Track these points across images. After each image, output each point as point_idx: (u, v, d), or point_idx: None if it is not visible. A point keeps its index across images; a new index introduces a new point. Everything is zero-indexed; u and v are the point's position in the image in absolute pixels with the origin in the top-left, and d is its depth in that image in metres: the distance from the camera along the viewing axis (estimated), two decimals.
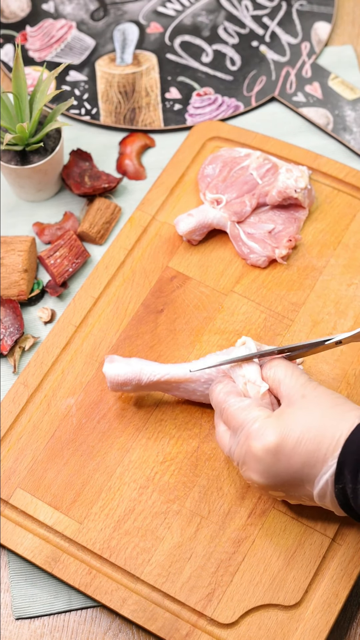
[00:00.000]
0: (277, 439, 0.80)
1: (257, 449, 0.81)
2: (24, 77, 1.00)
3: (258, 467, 0.82)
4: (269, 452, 0.80)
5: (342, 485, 0.77)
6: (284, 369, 0.85)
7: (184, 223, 1.01)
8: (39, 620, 0.89)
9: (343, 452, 0.77)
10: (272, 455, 0.80)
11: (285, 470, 0.80)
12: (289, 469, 0.80)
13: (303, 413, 0.81)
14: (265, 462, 0.81)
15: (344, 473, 0.77)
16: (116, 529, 0.88)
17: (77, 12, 1.22)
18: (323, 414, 0.80)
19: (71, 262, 1.02)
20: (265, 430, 0.81)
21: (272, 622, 0.85)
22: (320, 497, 0.80)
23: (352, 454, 0.76)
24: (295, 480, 0.81)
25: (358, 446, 0.76)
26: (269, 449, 0.80)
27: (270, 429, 0.80)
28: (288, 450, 0.80)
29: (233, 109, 1.14)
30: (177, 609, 0.86)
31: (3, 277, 1.00)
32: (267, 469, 0.81)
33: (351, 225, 1.04)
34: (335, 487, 0.78)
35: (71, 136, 1.13)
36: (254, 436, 0.81)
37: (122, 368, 0.90)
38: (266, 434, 0.80)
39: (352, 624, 0.88)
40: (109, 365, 0.90)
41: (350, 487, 0.76)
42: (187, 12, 1.21)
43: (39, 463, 0.92)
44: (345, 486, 0.77)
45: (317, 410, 0.81)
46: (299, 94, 1.15)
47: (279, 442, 0.80)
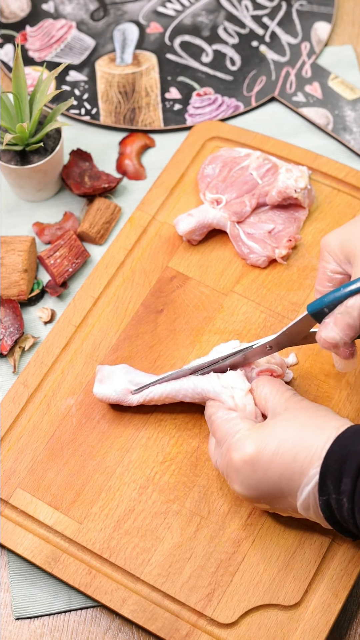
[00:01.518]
0: (253, 451, 0.80)
1: (236, 460, 0.81)
2: (24, 77, 1.00)
3: (238, 478, 0.82)
4: (246, 463, 0.81)
5: (326, 497, 0.77)
6: (270, 386, 0.86)
7: (184, 223, 1.01)
8: (39, 620, 0.89)
9: (325, 463, 0.77)
10: (250, 466, 0.81)
11: (264, 482, 0.80)
12: (268, 480, 0.80)
13: (282, 425, 0.81)
14: (243, 473, 0.81)
15: (327, 484, 0.76)
16: (116, 529, 0.88)
17: (77, 12, 1.22)
18: (302, 426, 0.80)
19: (71, 262, 1.02)
20: (245, 441, 0.81)
21: (272, 622, 0.85)
22: (304, 509, 0.80)
23: (333, 463, 0.76)
24: (276, 492, 0.81)
25: (339, 456, 0.76)
26: (245, 460, 0.81)
27: (249, 441, 0.81)
28: (265, 462, 0.80)
29: (233, 109, 1.14)
30: (177, 609, 0.86)
31: (3, 277, 1.00)
32: (246, 480, 0.81)
33: None
34: (320, 500, 0.77)
35: (71, 136, 1.13)
36: (233, 448, 0.82)
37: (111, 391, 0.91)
38: (245, 446, 0.81)
39: (352, 624, 0.88)
40: (99, 385, 0.92)
41: (334, 498, 0.76)
42: (187, 12, 1.21)
43: (38, 463, 0.92)
44: (329, 497, 0.77)
45: (295, 422, 0.81)
46: (299, 94, 1.15)
47: (256, 454, 0.80)
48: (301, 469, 0.78)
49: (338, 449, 0.76)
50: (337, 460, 0.76)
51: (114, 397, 0.91)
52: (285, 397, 0.85)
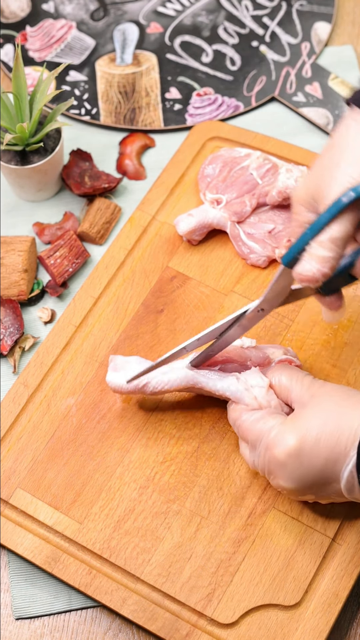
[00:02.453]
0: (296, 442, 0.80)
1: (279, 455, 0.81)
2: (24, 77, 1.00)
3: (284, 473, 0.82)
4: (291, 455, 0.81)
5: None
6: (288, 375, 0.86)
7: (184, 223, 1.01)
8: (39, 621, 0.89)
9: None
10: (295, 458, 0.80)
11: (310, 471, 0.80)
12: (314, 469, 0.80)
13: (316, 411, 0.81)
14: (289, 466, 0.81)
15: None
16: (116, 529, 0.88)
17: (77, 12, 1.22)
18: (336, 409, 0.80)
19: (71, 262, 1.02)
20: (284, 435, 0.81)
21: (272, 622, 0.85)
22: (348, 491, 0.80)
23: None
24: (321, 479, 0.81)
25: None
26: (290, 453, 0.81)
27: (288, 433, 0.81)
28: (309, 451, 0.80)
29: (233, 109, 1.14)
30: (177, 609, 0.86)
31: (3, 277, 1.00)
32: (292, 473, 0.81)
33: None
34: (358, 476, 0.78)
35: (71, 136, 1.13)
36: (273, 444, 0.82)
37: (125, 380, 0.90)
38: (285, 439, 0.81)
39: (352, 624, 0.88)
40: (113, 374, 0.90)
41: None
42: (187, 12, 1.21)
43: (39, 463, 0.92)
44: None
45: (329, 406, 0.81)
46: (299, 94, 1.15)
47: (299, 445, 0.80)
48: (345, 450, 0.79)
49: None
50: None
51: (126, 388, 0.90)
52: (306, 383, 0.85)
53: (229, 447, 0.92)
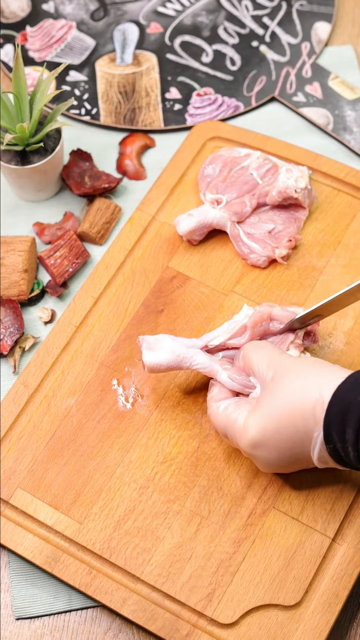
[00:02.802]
0: (257, 434, 0.82)
1: (245, 447, 0.83)
2: (24, 77, 1.00)
3: (257, 462, 0.85)
4: (256, 447, 0.83)
5: (332, 445, 0.78)
6: (249, 355, 0.87)
7: (184, 223, 1.01)
8: (39, 621, 0.89)
9: (327, 415, 0.78)
10: (262, 448, 0.82)
11: (280, 456, 0.82)
12: (283, 453, 0.82)
13: (274, 397, 0.82)
14: (259, 456, 0.83)
15: (332, 434, 0.78)
16: (116, 529, 0.88)
17: (77, 12, 1.22)
18: (293, 392, 0.81)
19: (71, 262, 1.02)
20: (246, 427, 0.83)
21: (272, 622, 0.85)
22: (322, 463, 0.82)
23: (335, 415, 0.77)
24: (297, 458, 0.82)
25: (340, 407, 0.77)
26: (255, 445, 0.82)
27: (250, 425, 0.83)
28: (272, 439, 0.81)
29: (233, 109, 1.14)
30: (177, 609, 0.86)
31: (3, 277, 1.00)
32: (265, 460, 0.84)
33: (351, 225, 1.04)
34: (327, 448, 0.79)
35: (71, 136, 1.13)
36: (239, 437, 0.84)
37: (164, 357, 0.90)
38: (247, 432, 0.83)
39: (352, 624, 0.88)
40: (149, 353, 0.90)
41: (340, 447, 0.78)
42: (187, 12, 1.21)
43: (39, 463, 0.92)
44: (336, 445, 0.78)
45: (286, 389, 0.81)
46: (299, 94, 1.15)
47: (260, 437, 0.82)
48: (306, 434, 0.80)
49: (338, 401, 0.77)
50: (338, 412, 0.77)
51: (165, 364, 0.89)
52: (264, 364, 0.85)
53: (229, 447, 0.92)
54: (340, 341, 0.97)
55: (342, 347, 0.97)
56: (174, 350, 0.90)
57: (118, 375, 0.96)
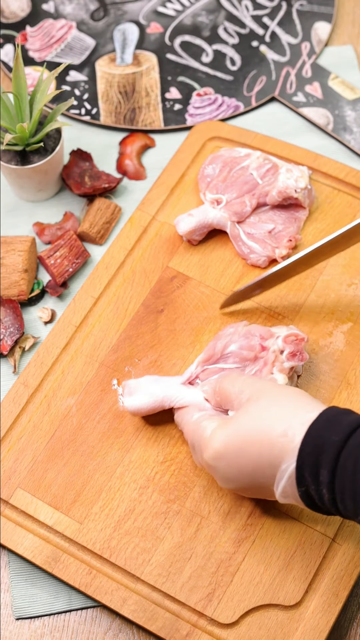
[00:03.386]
0: (221, 446, 0.81)
1: (207, 458, 0.82)
2: (24, 77, 1.00)
3: (216, 475, 0.83)
4: (217, 459, 0.81)
5: (304, 487, 0.76)
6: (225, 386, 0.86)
7: (184, 223, 1.01)
8: (39, 621, 0.89)
9: (300, 456, 0.76)
10: (223, 461, 0.81)
11: (240, 474, 0.81)
12: (243, 473, 0.80)
13: (246, 417, 0.81)
14: (218, 469, 0.82)
15: (304, 476, 0.76)
16: (116, 529, 0.88)
17: (77, 12, 1.22)
18: (263, 417, 0.79)
19: (71, 262, 1.02)
20: (212, 438, 0.82)
21: (272, 622, 0.85)
22: (283, 498, 0.79)
23: (308, 455, 0.75)
24: (255, 484, 0.81)
25: (313, 448, 0.75)
26: (215, 457, 0.81)
27: (216, 437, 0.81)
28: (234, 456, 0.80)
29: (233, 109, 1.14)
30: (178, 609, 0.86)
31: (3, 277, 1.00)
32: (223, 475, 0.82)
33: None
34: (299, 490, 0.77)
35: (71, 136, 1.13)
36: (205, 446, 0.82)
37: (144, 400, 0.90)
38: (212, 442, 0.81)
39: (352, 624, 0.88)
40: (129, 398, 0.91)
41: (314, 489, 0.76)
42: (187, 12, 1.21)
43: (39, 463, 0.92)
44: (308, 488, 0.76)
45: (257, 413, 0.80)
46: (299, 94, 1.15)
47: (223, 450, 0.80)
48: (270, 463, 0.78)
49: (312, 441, 0.75)
50: (311, 452, 0.75)
51: (146, 407, 0.90)
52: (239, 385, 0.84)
53: None
54: (340, 341, 0.97)
55: (342, 348, 0.97)
56: (153, 393, 0.90)
57: (118, 375, 0.96)
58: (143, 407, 0.90)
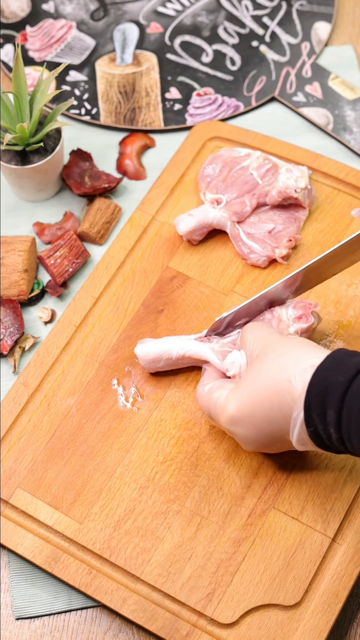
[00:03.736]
0: (234, 410, 0.83)
1: (224, 424, 0.84)
2: (24, 77, 1.00)
3: (238, 439, 0.85)
4: (234, 423, 0.83)
5: (313, 428, 0.78)
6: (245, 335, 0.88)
7: (184, 223, 1.01)
8: (39, 620, 0.89)
9: (307, 397, 0.77)
10: (239, 425, 0.83)
11: (259, 432, 0.82)
12: (262, 431, 0.82)
13: (255, 374, 0.83)
14: (238, 432, 0.84)
15: (312, 417, 0.78)
16: (116, 529, 0.88)
17: (77, 12, 1.22)
18: (273, 370, 0.81)
19: (71, 262, 1.02)
20: (225, 404, 0.84)
21: (272, 622, 0.85)
22: (301, 445, 0.81)
23: (315, 397, 0.77)
24: (274, 436, 0.82)
25: (319, 389, 0.77)
26: (232, 422, 0.83)
27: (229, 402, 0.83)
28: (249, 417, 0.82)
29: (233, 109, 1.14)
30: (177, 609, 0.86)
31: (3, 277, 1.00)
32: (244, 437, 0.84)
33: (351, 225, 1.04)
34: (308, 430, 0.79)
35: (71, 136, 1.13)
36: (220, 413, 0.84)
37: (152, 347, 0.93)
38: (226, 408, 0.83)
39: (352, 624, 0.88)
40: (140, 346, 0.93)
41: (322, 429, 0.77)
42: (187, 12, 1.21)
43: (39, 463, 0.92)
44: (317, 428, 0.78)
45: (267, 367, 0.82)
46: (299, 94, 1.15)
47: (237, 412, 0.82)
48: (283, 414, 0.80)
49: (318, 382, 0.77)
50: (318, 393, 0.77)
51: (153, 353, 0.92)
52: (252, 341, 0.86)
53: (229, 447, 0.92)
54: (340, 342, 0.97)
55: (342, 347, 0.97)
56: (162, 340, 0.93)
57: (118, 375, 0.96)
58: (150, 351, 0.93)
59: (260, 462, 0.91)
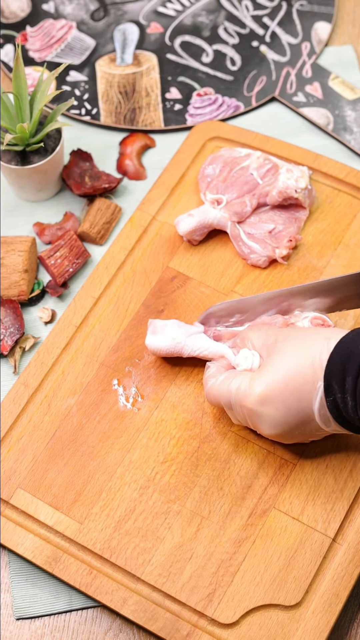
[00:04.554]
0: (265, 388, 0.82)
1: (252, 405, 0.84)
2: (24, 77, 1.00)
3: (264, 422, 0.84)
4: (263, 403, 0.83)
5: (332, 397, 0.79)
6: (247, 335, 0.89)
7: (185, 223, 1.01)
8: (40, 621, 0.89)
9: (329, 365, 0.78)
10: (269, 405, 0.83)
11: (287, 413, 0.82)
12: (290, 410, 0.82)
13: (280, 355, 0.83)
14: (265, 414, 0.83)
15: (332, 384, 0.78)
16: (117, 529, 0.89)
17: (77, 12, 1.22)
18: (298, 347, 0.82)
19: (71, 263, 1.02)
20: (252, 385, 0.84)
21: (272, 622, 0.85)
22: (325, 424, 0.82)
23: (336, 365, 0.78)
24: (301, 419, 0.82)
25: (341, 357, 0.78)
26: (262, 401, 0.83)
27: (256, 383, 0.83)
28: (279, 393, 0.82)
29: (233, 109, 1.14)
30: (178, 609, 0.86)
31: (3, 278, 1.00)
32: (271, 420, 0.83)
33: (352, 225, 1.04)
34: (327, 401, 0.79)
35: (71, 136, 1.13)
36: (245, 396, 0.84)
37: (165, 343, 0.93)
38: (254, 389, 0.83)
39: (352, 624, 0.88)
40: (152, 337, 0.94)
41: (340, 397, 0.78)
42: (188, 12, 1.21)
43: (39, 463, 0.92)
44: (335, 397, 0.78)
45: (291, 346, 0.83)
46: (299, 94, 1.15)
47: (268, 391, 0.82)
48: (313, 384, 0.80)
49: (340, 351, 0.78)
50: (339, 361, 0.78)
51: (165, 349, 0.93)
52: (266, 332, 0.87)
53: (230, 447, 0.92)
54: None
55: None
56: (175, 338, 0.93)
57: (118, 375, 0.96)
58: (162, 348, 0.93)
59: (260, 463, 0.91)
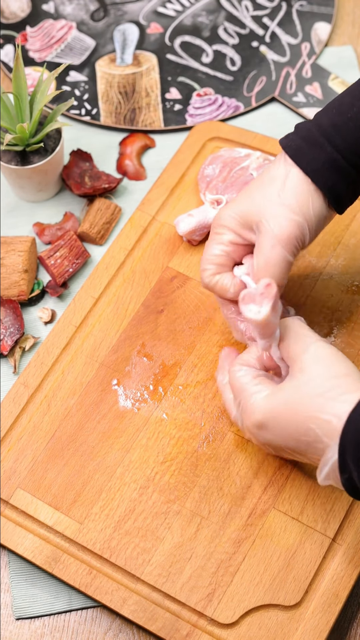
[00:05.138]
0: (263, 418, 0.81)
1: (250, 425, 0.83)
2: (24, 77, 1.00)
3: (257, 440, 0.84)
4: (260, 428, 0.82)
5: (347, 474, 0.76)
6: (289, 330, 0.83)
7: (184, 223, 1.01)
8: (39, 621, 0.89)
9: (342, 442, 0.75)
10: (265, 431, 0.82)
11: (283, 443, 0.81)
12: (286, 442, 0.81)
13: (291, 392, 0.80)
14: (262, 437, 0.83)
15: (347, 462, 0.75)
16: (116, 529, 0.89)
17: (77, 12, 1.22)
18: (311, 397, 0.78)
19: (71, 263, 1.02)
20: (257, 406, 0.82)
21: (272, 622, 0.85)
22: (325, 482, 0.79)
23: (350, 442, 0.75)
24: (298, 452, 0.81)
25: (354, 433, 0.74)
26: (259, 427, 0.82)
27: (259, 407, 0.81)
28: (277, 428, 0.80)
29: (233, 109, 1.14)
30: (178, 609, 0.86)
31: (3, 278, 1.00)
32: (267, 442, 0.83)
33: (351, 225, 1.04)
34: (342, 477, 0.76)
35: (71, 136, 1.13)
36: (248, 411, 0.83)
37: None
38: (255, 411, 0.82)
39: (352, 624, 0.88)
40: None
41: (356, 475, 0.75)
42: (187, 13, 1.21)
43: (39, 463, 0.92)
44: (351, 474, 0.75)
45: (305, 391, 0.79)
46: (299, 94, 1.15)
47: (266, 421, 0.81)
48: (315, 444, 0.78)
49: (354, 427, 0.75)
50: (353, 439, 0.74)
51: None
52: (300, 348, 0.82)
53: (229, 448, 0.92)
54: (340, 342, 0.97)
55: (342, 348, 0.97)
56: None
57: (118, 375, 0.96)
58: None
59: (260, 463, 0.91)
